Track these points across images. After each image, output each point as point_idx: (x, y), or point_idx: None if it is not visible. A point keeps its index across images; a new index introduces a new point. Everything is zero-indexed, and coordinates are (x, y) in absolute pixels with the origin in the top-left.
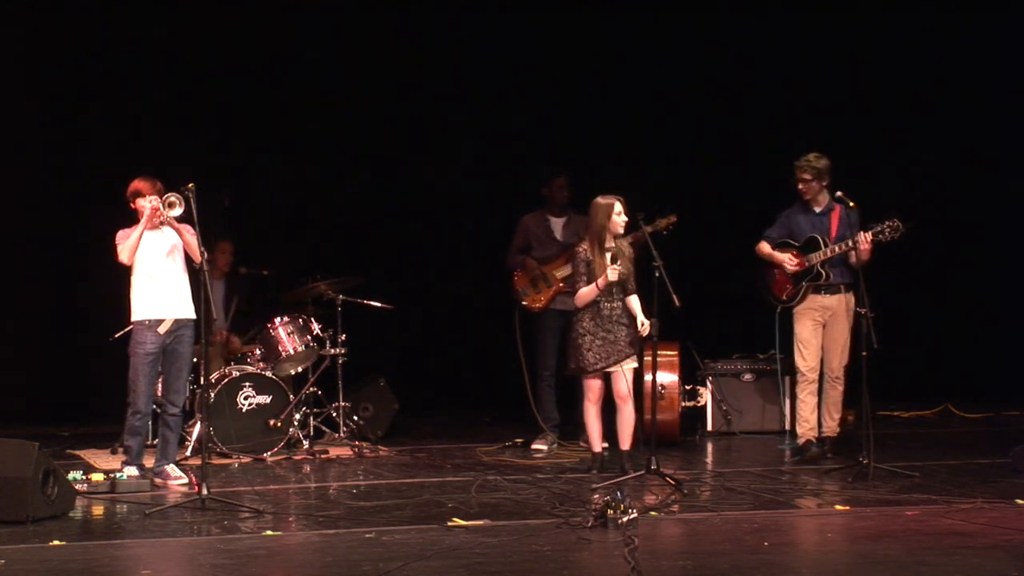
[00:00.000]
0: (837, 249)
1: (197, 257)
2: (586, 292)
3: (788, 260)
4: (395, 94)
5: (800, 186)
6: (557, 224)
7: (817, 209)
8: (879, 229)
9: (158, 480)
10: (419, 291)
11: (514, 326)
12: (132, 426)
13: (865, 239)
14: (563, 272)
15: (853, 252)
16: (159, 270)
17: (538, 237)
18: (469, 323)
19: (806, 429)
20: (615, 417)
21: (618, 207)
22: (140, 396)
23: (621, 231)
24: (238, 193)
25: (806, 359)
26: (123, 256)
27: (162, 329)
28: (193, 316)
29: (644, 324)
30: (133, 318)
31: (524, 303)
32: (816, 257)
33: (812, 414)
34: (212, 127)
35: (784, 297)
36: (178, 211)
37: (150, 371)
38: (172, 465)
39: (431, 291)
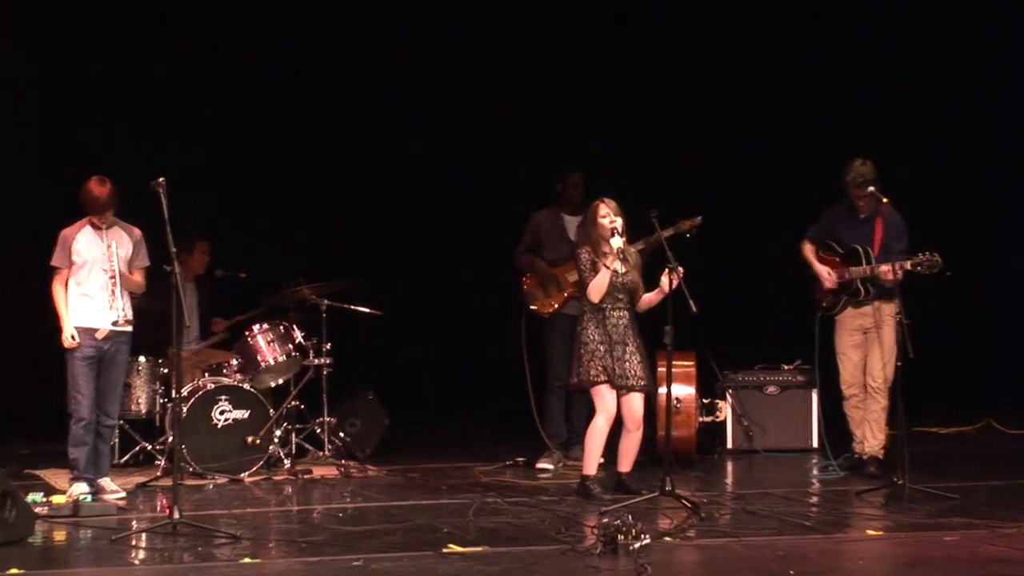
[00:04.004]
0: (878, 271)
1: (136, 291)
2: (600, 280)
3: (827, 276)
4: (385, 86)
5: (860, 203)
6: (571, 223)
7: (862, 215)
8: (919, 261)
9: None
10: (412, 296)
11: (519, 333)
12: (76, 436)
13: (895, 271)
14: (576, 276)
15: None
16: (95, 278)
17: (550, 236)
18: (468, 330)
19: (856, 444)
20: (618, 440)
21: (602, 209)
22: (83, 402)
23: (608, 235)
24: (215, 189)
25: (843, 372)
26: (56, 261)
27: (99, 335)
28: (129, 330)
29: (674, 272)
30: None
31: (532, 308)
32: (856, 272)
33: (857, 429)
34: (187, 119)
35: (824, 305)
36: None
37: (90, 374)
38: (107, 479)
39: (425, 295)
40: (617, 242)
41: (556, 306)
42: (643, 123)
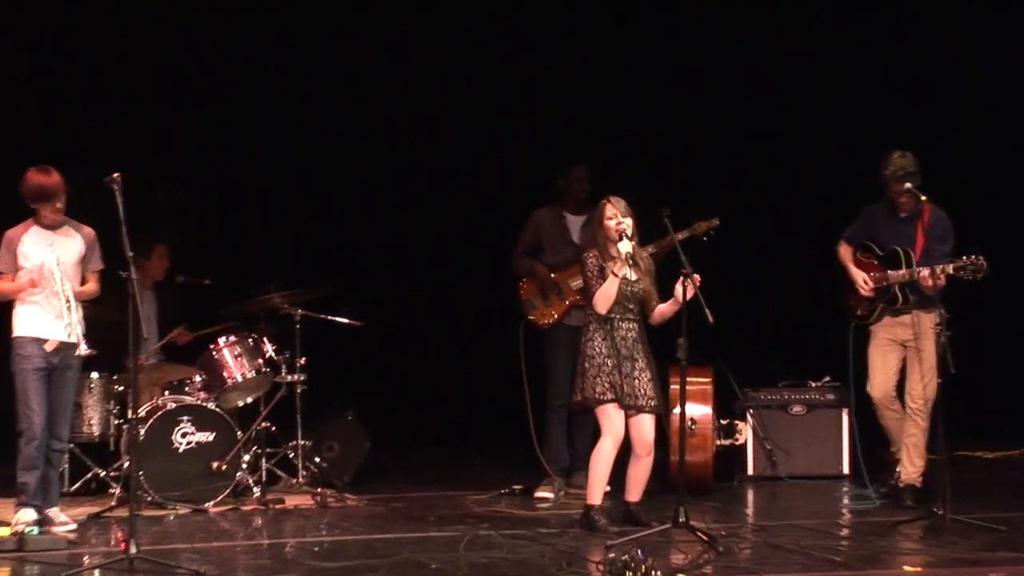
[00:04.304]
0: (917, 275)
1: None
2: (607, 288)
3: (863, 282)
4: (366, 74)
5: (901, 200)
6: (575, 223)
7: (903, 214)
8: (961, 264)
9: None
10: (397, 304)
11: (517, 345)
12: (28, 457)
13: (934, 276)
14: (579, 282)
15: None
16: (44, 284)
17: (551, 237)
18: (460, 343)
19: (894, 451)
20: (626, 466)
21: (609, 209)
22: (34, 420)
23: (617, 237)
24: (177, 187)
25: (872, 386)
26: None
27: (48, 347)
28: (82, 350)
29: (689, 279)
30: (14, 333)
31: (531, 317)
32: (895, 277)
33: (899, 440)
34: (148, 111)
35: (859, 312)
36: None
37: (42, 388)
38: (56, 509)
39: (412, 304)
40: (625, 246)
41: (557, 316)
42: (654, 111)
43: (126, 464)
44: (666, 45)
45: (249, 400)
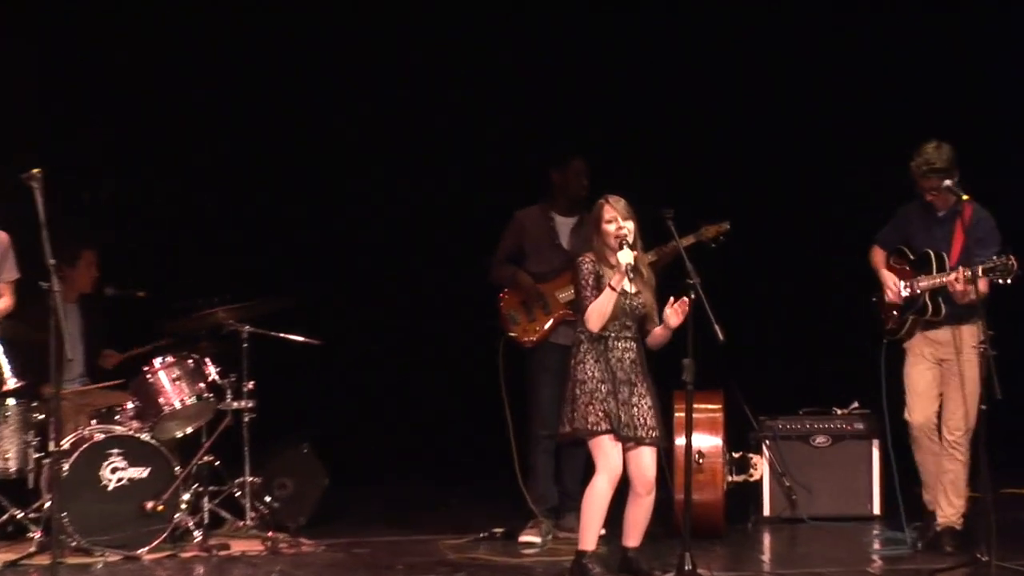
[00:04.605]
0: (945, 280)
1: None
2: (602, 302)
3: (891, 286)
4: (326, 58)
5: (928, 198)
6: (564, 226)
7: (940, 213)
8: (990, 266)
9: None
10: (359, 320)
11: (497, 366)
12: None
13: (963, 280)
14: (568, 293)
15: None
16: None
17: (536, 242)
18: (431, 364)
19: (930, 500)
20: (623, 506)
21: (608, 211)
22: None
23: (616, 245)
24: (106, 186)
25: (911, 411)
26: None
27: None
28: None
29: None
30: None
31: (512, 334)
32: (923, 283)
33: (933, 482)
34: (73, 101)
35: (889, 327)
36: None
37: None
38: None
39: (377, 319)
40: (627, 257)
41: (542, 332)
42: (654, 99)
43: (47, 504)
44: (666, 27)
45: (189, 430)
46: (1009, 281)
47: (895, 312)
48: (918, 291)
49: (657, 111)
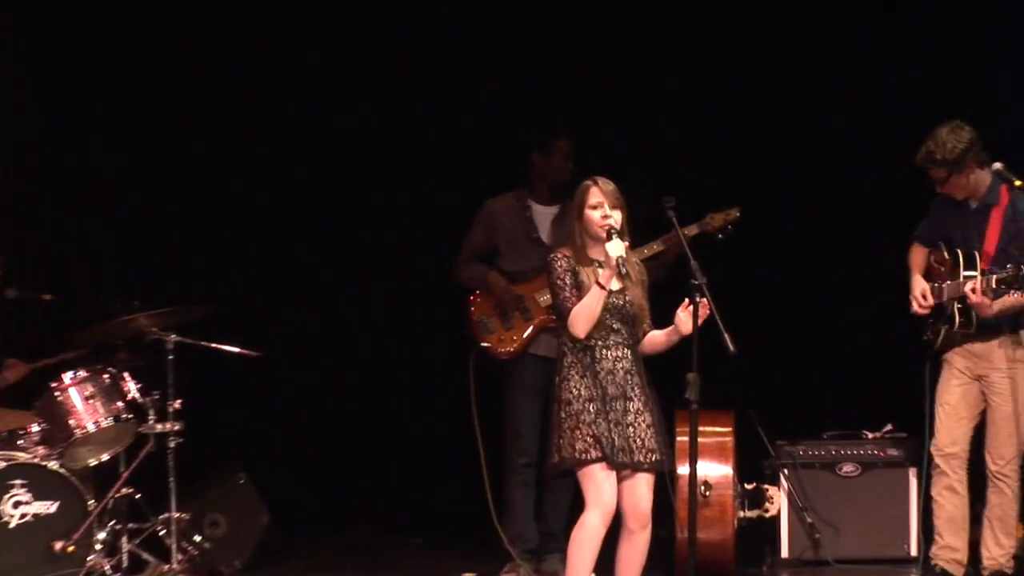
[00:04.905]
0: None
1: None
2: (589, 303)
3: (916, 294)
4: (250, 54)
5: (938, 188)
6: (544, 216)
7: (973, 203)
8: (1003, 276)
9: None
10: (304, 328)
11: (467, 383)
12: None
13: (978, 290)
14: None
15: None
16: None
17: (511, 236)
18: (390, 379)
19: (940, 551)
20: (616, 545)
21: (594, 195)
22: None
23: (603, 235)
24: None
25: (937, 432)
26: None
27: None
28: None
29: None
30: None
31: (485, 344)
32: (948, 290)
33: (952, 528)
34: None
35: (926, 337)
36: None
37: None
38: None
39: (325, 328)
40: (616, 248)
41: (520, 342)
42: (653, 72)
43: None
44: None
45: (105, 457)
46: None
47: (930, 320)
48: (943, 299)
49: (649, 81)
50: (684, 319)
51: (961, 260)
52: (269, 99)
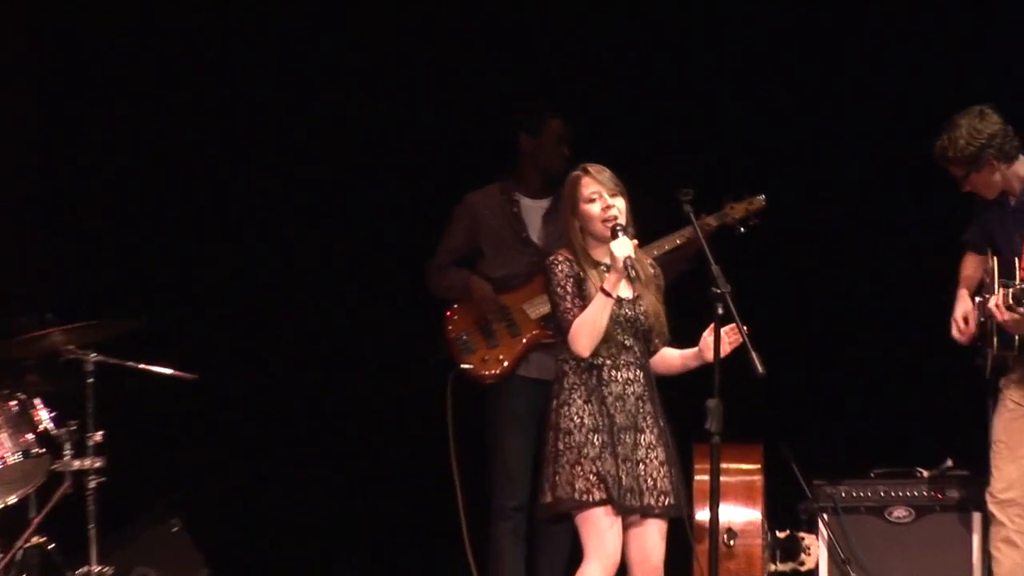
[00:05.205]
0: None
1: None
2: (593, 314)
3: (957, 316)
4: (185, 53)
5: (961, 188)
6: (534, 211)
7: (1011, 199)
8: (1018, 290)
9: None
10: (251, 346)
11: (444, 411)
12: None
13: (1000, 304)
14: (543, 307)
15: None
16: None
17: (496, 235)
18: (352, 406)
19: None
20: None
21: (588, 185)
22: None
23: (606, 232)
24: None
25: (996, 473)
26: None
27: None
28: None
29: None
30: None
31: (466, 367)
32: (987, 304)
33: None
34: None
35: (976, 360)
36: None
37: None
38: None
39: (275, 346)
40: (623, 247)
41: (508, 363)
42: (663, 49)
43: None
44: None
45: (12, 499)
46: None
47: (978, 343)
48: (982, 317)
49: (658, 55)
50: (709, 342)
51: (996, 269)
52: (200, 92)
